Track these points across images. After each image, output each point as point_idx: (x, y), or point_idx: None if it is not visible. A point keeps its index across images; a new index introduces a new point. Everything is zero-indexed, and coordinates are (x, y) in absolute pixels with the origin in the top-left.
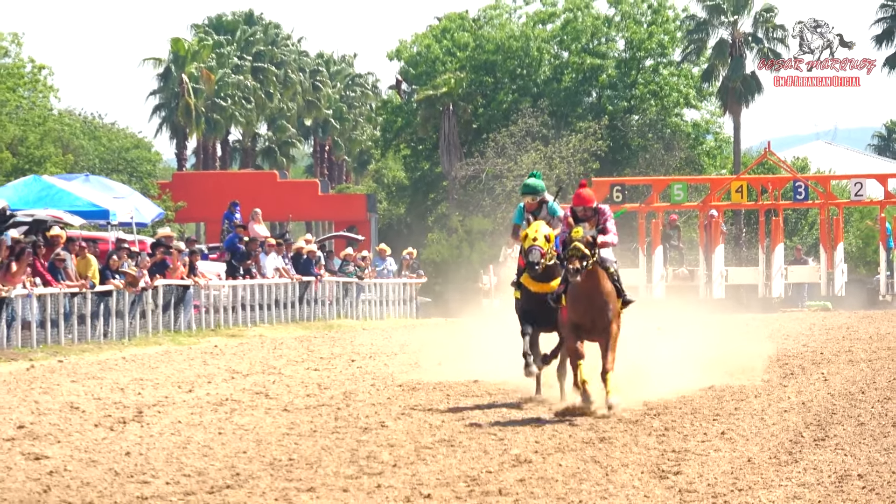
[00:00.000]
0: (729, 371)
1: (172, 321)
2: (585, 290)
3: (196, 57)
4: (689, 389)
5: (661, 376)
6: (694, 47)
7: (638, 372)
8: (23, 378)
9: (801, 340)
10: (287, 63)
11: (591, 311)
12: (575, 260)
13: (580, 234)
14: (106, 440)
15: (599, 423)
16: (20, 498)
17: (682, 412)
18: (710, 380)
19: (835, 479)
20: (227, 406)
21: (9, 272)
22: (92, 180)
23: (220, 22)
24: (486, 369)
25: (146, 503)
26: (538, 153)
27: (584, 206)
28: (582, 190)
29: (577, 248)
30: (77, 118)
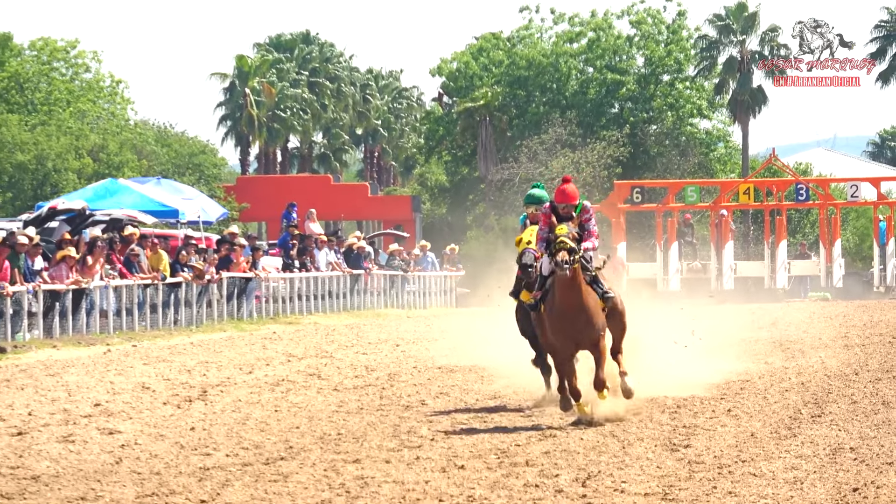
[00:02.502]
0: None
1: (236, 310)
2: (565, 304)
3: (258, 72)
4: (701, 370)
5: (677, 359)
6: (706, 64)
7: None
8: (100, 361)
9: (801, 327)
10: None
11: (574, 330)
12: (563, 252)
13: (565, 230)
14: (173, 417)
15: (619, 402)
16: (95, 468)
17: (689, 390)
18: (719, 362)
19: (829, 452)
20: (283, 386)
21: (86, 265)
22: (163, 183)
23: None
24: (518, 354)
25: (208, 473)
26: (566, 159)
27: (567, 203)
28: (566, 185)
29: (564, 241)
30: (151, 127)
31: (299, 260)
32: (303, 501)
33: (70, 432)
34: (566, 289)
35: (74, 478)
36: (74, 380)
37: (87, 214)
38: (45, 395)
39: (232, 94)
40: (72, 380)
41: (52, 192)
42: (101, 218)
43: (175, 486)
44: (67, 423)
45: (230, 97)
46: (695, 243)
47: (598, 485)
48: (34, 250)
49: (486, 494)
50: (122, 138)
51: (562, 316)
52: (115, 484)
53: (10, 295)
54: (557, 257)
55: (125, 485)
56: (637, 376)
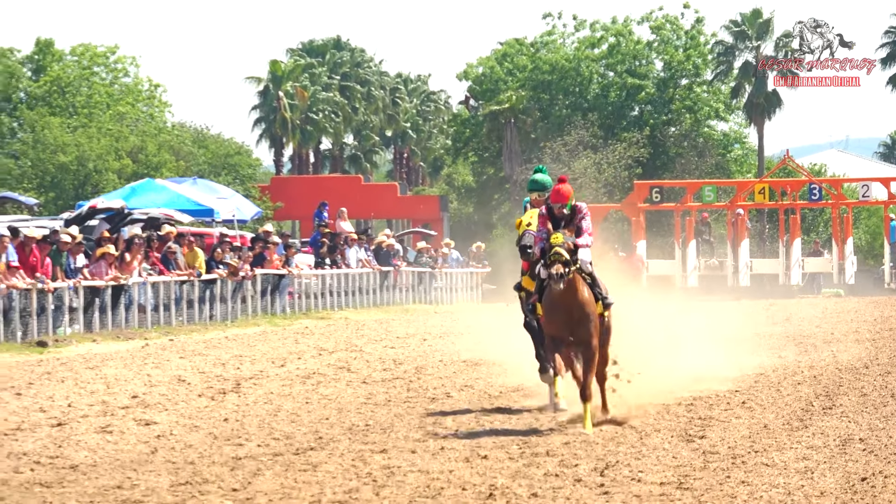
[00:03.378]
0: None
1: (269, 305)
2: (563, 301)
3: (291, 76)
4: (716, 364)
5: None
6: (723, 68)
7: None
8: (138, 355)
9: (814, 323)
10: (370, 82)
11: (570, 324)
12: (558, 265)
13: (560, 239)
14: (207, 408)
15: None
16: (131, 458)
17: (704, 384)
18: (734, 356)
19: (839, 443)
20: (314, 379)
21: (124, 262)
22: (199, 183)
23: (312, 46)
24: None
25: (240, 463)
26: (588, 160)
27: (561, 203)
28: (561, 185)
29: (559, 253)
30: (188, 129)
31: (330, 257)
32: (331, 490)
33: (108, 423)
34: (563, 290)
35: (111, 467)
36: (113, 373)
37: (126, 213)
38: (85, 387)
39: (266, 97)
40: (110, 373)
41: (93, 191)
42: (140, 217)
43: (208, 475)
44: (105, 415)
45: (264, 100)
46: (712, 241)
47: (615, 474)
48: (76, 248)
49: (508, 483)
50: (160, 140)
51: (558, 308)
52: (151, 473)
53: (51, 291)
54: (552, 270)
55: (160, 474)
56: (654, 371)
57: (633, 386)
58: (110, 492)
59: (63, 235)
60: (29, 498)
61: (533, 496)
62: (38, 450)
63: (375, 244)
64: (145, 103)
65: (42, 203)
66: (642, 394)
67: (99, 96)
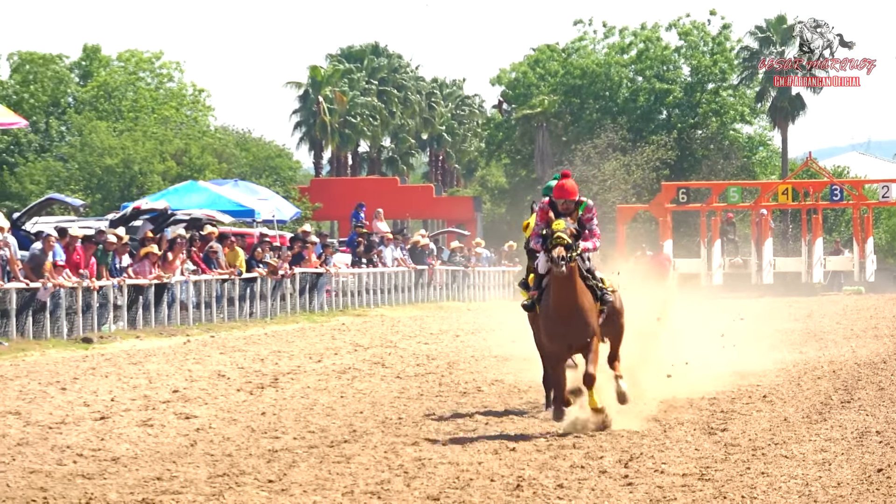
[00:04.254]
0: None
1: (307, 303)
2: (559, 302)
3: (330, 81)
4: (740, 360)
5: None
6: (748, 73)
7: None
8: (179, 351)
9: (835, 319)
10: (407, 86)
11: (568, 331)
12: (560, 248)
13: (562, 225)
14: (246, 402)
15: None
16: (171, 450)
17: (732, 379)
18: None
19: (856, 435)
20: (350, 374)
21: (167, 262)
22: (240, 185)
23: (351, 52)
24: None
25: (276, 455)
26: (617, 162)
27: (566, 199)
28: (565, 181)
29: (561, 237)
30: (231, 133)
31: (367, 256)
32: (363, 482)
33: (149, 417)
34: (561, 287)
35: (151, 459)
36: (155, 368)
37: (169, 214)
38: (128, 382)
39: (306, 101)
40: (153, 368)
41: (138, 193)
42: (182, 217)
43: (245, 466)
44: (147, 409)
45: (304, 105)
46: (736, 240)
47: (639, 466)
48: (122, 248)
49: (535, 475)
50: (204, 143)
51: (556, 316)
52: (190, 465)
53: (96, 289)
54: (553, 253)
55: (199, 465)
56: (680, 366)
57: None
58: (150, 483)
59: (109, 236)
60: (71, 489)
61: (559, 487)
62: (81, 442)
63: (411, 244)
64: (189, 107)
65: (88, 204)
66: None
67: (144, 101)
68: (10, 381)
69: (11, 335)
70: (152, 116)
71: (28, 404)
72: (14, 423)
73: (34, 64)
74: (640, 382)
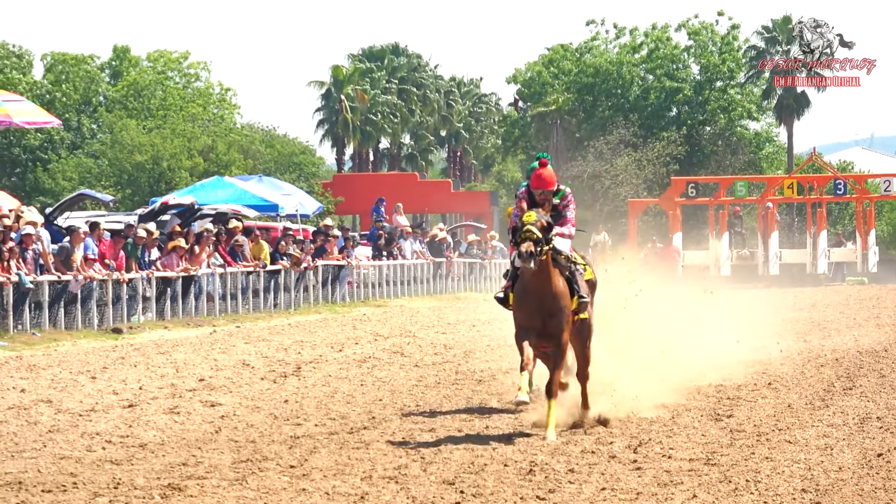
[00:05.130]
0: (778, 333)
1: (330, 294)
2: (534, 288)
3: (352, 80)
4: (744, 349)
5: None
6: (755, 71)
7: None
8: (206, 341)
9: (838, 309)
10: (426, 85)
11: (541, 313)
12: (528, 242)
13: (533, 217)
14: (269, 391)
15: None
16: (196, 437)
17: (737, 367)
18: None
19: (858, 421)
20: (370, 363)
21: (194, 255)
22: (264, 180)
23: (372, 52)
24: None
25: (298, 441)
26: (629, 157)
27: (543, 189)
28: (542, 170)
29: (530, 231)
30: (256, 130)
31: (387, 249)
32: (381, 467)
33: (176, 405)
34: (534, 278)
35: (178, 445)
36: (182, 357)
37: (196, 209)
38: (156, 371)
39: (328, 100)
40: (180, 357)
41: (167, 188)
42: (209, 212)
43: (268, 452)
44: (174, 397)
45: (327, 103)
46: (744, 233)
47: (648, 451)
48: (150, 242)
49: (547, 460)
50: (230, 140)
51: (529, 296)
52: (214, 451)
53: (126, 282)
54: (522, 248)
55: (223, 451)
56: (687, 354)
57: (664, 369)
58: (176, 469)
59: (139, 230)
60: (100, 474)
61: (570, 472)
62: (110, 429)
63: (429, 237)
64: (216, 106)
65: (119, 200)
66: (673, 377)
67: (172, 99)
68: (42, 370)
69: (44, 326)
70: (180, 114)
71: (59, 393)
72: (46, 411)
73: (66, 64)
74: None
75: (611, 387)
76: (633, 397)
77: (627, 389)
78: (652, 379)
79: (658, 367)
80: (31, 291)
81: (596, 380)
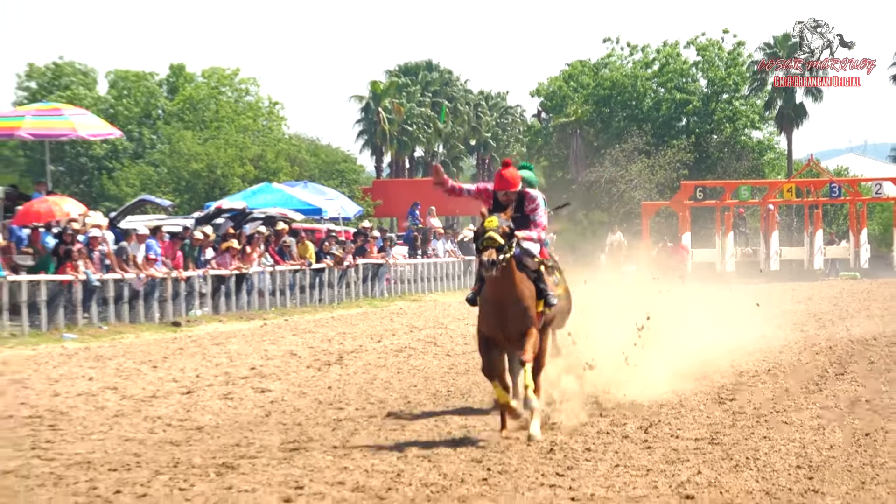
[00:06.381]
0: (777, 324)
1: (369, 290)
2: (498, 294)
3: (389, 94)
4: (745, 339)
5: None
6: (757, 84)
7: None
8: (257, 333)
9: (832, 301)
10: (457, 98)
11: (504, 322)
12: (490, 251)
13: (494, 223)
14: (314, 378)
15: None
16: (248, 420)
17: (736, 355)
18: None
19: (848, 404)
20: (406, 352)
21: (246, 254)
22: (309, 186)
23: (407, 68)
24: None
25: (340, 423)
26: (643, 163)
27: (507, 191)
28: (505, 170)
29: (492, 238)
30: (302, 140)
31: (421, 248)
32: (415, 447)
33: (229, 391)
34: (498, 282)
35: (231, 428)
36: (235, 348)
37: (247, 212)
38: (211, 360)
39: (368, 112)
40: (233, 348)
41: (220, 194)
42: (259, 215)
43: (313, 434)
44: (227, 384)
45: (366, 115)
46: (747, 233)
47: (657, 431)
48: (206, 243)
49: (566, 440)
50: (278, 149)
51: (493, 307)
52: (264, 433)
53: (184, 279)
54: (483, 256)
55: (272, 433)
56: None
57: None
58: (229, 449)
59: (196, 233)
60: (161, 454)
61: (587, 450)
62: (169, 414)
63: (460, 237)
64: (265, 118)
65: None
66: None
67: (225, 112)
68: (108, 360)
69: (110, 320)
70: (232, 126)
71: (124, 381)
72: (111, 398)
73: (128, 81)
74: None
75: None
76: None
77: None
78: (666, 364)
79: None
80: (98, 288)
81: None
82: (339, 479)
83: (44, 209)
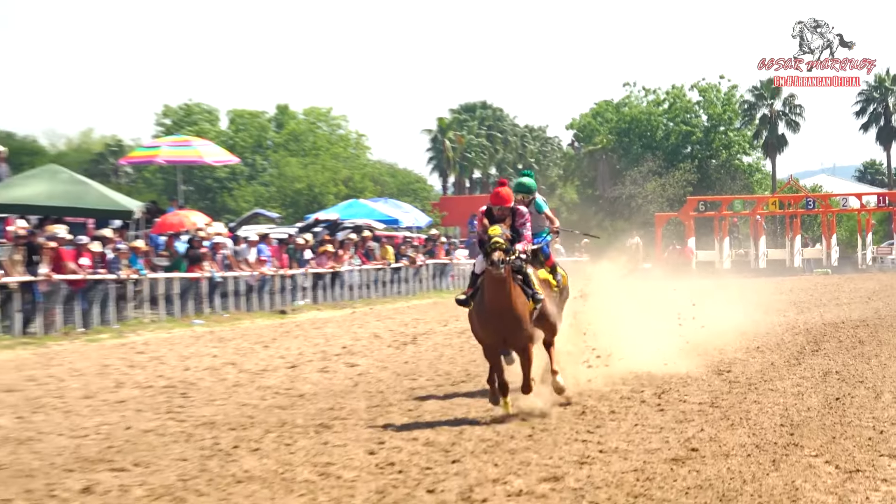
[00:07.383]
0: (765, 311)
1: (438, 284)
2: (496, 303)
3: (452, 127)
4: (740, 321)
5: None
6: (747, 119)
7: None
8: (346, 319)
9: (808, 292)
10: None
11: (503, 331)
12: (499, 251)
13: (498, 231)
14: (393, 355)
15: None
16: (340, 389)
17: (732, 336)
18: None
19: (821, 374)
20: (467, 334)
21: (338, 256)
22: (389, 202)
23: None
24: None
25: (413, 392)
26: (656, 182)
27: (501, 206)
28: (500, 189)
29: (499, 241)
30: (383, 165)
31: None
32: (475, 410)
33: (325, 366)
34: (495, 289)
35: (326, 395)
36: (331, 331)
37: (339, 223)
38: (311, 341)
39: (435, 143)
40: (329, 331)
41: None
42: (349, 225)
43: (392, 400)
44: (324, 360)
45: (434, 145)
46: (740, 238)
47: (668, 397)
48: (307, 247)
49: (595, 404)
50: (364, 172)
51: (490, 314)
52: (353, 399)
53: (288, 276)
54: (493, 256)
55: (360, 400)
56: (696, 327)
57: (678, 336)
58: (325, 412)
59: (298, 239)
60: (270, 416)
61: (612, 412)
62: (277, 384)
63: None
64: (353, 147)
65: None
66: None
67: (321, 143)
68: (228, 341)
69: (230, 309)
70: (327, 154)
71: (241, 357)
72: (231, 371)
73: (243, 118)
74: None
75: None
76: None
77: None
78: (675, 343)
79: (679, 335)
80: (220, 284)
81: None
82: (413, 436)
83: (176, 221)
